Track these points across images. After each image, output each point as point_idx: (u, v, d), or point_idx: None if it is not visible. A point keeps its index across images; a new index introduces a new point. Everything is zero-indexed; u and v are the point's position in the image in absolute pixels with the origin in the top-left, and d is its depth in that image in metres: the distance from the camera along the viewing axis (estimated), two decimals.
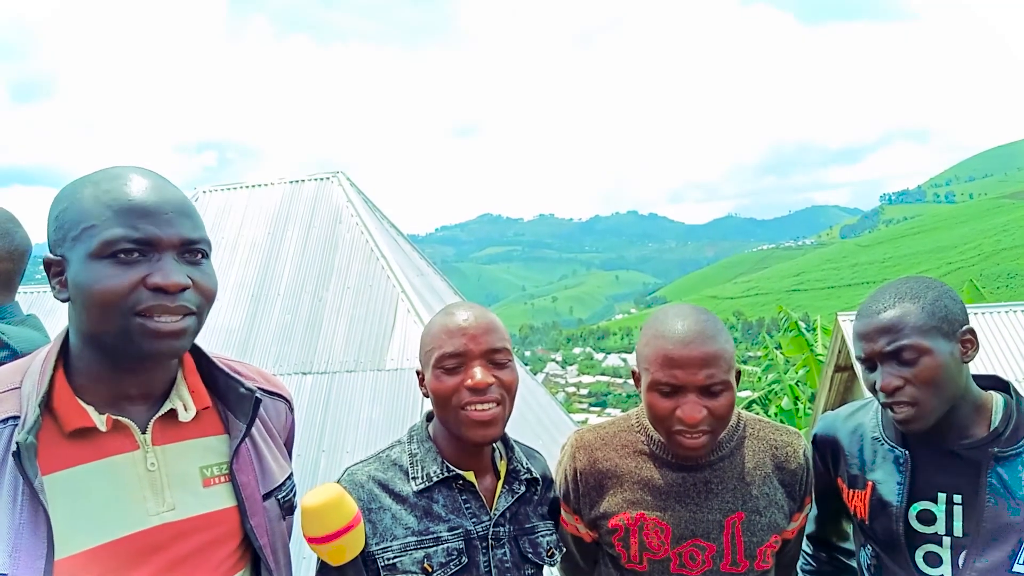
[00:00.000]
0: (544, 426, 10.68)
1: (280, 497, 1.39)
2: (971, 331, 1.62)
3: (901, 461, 1.70)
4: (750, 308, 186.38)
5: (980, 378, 1.72)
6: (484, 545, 1.59)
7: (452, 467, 1.61)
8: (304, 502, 1.36)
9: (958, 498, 1.63)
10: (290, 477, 1.45)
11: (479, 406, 1.54)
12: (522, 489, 1.69)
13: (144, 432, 1.23)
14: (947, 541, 1.64)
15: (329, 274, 10.54)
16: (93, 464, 1.17)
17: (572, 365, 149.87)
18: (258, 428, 1.38)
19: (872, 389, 1.65)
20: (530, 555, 1.65)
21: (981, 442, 1.62)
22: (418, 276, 11.47)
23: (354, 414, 8.76)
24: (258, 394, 1.33)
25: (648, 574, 1.68)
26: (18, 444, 1.06)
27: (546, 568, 1.71)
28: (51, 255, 1.18)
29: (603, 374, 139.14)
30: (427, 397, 1.62)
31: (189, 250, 1.20)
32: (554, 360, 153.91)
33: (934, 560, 1.65)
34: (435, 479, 1.60)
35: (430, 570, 1.54)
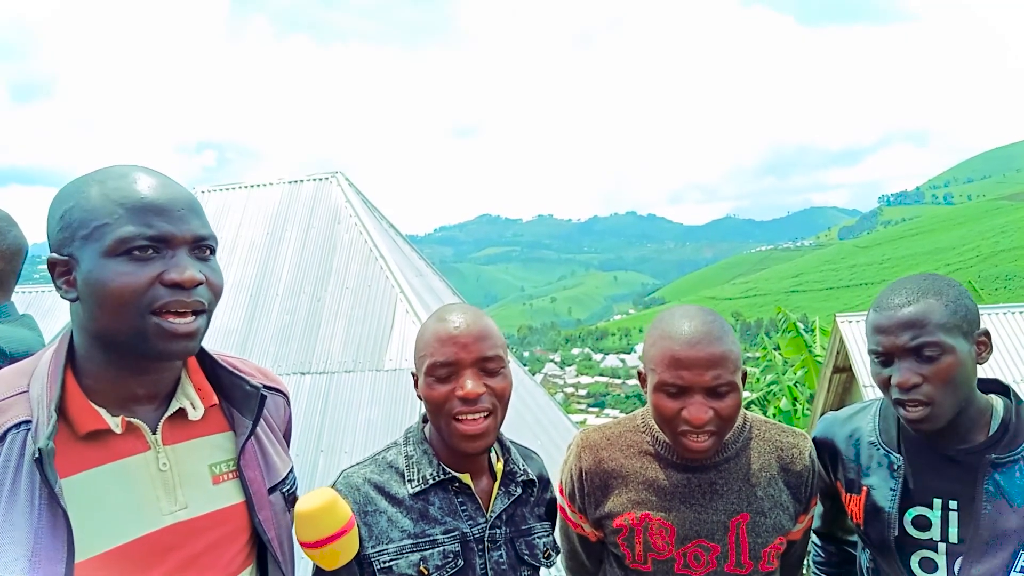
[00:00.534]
0: (543, 426, 10.68)
1: (284, 491, 1.41)
2: (986, 333, 1.60)
3: (896, 467, 1.69)
4: (748, 309, 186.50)
5: (980, 381, 1.69)
6: (480, 547, 1.58)
7: (448, 469, 1.61)
8: (298, 507, 1.35)
9: (954, 504, 1.62)
10: (291, 470, 1.46)
11: (470, 416, 1.53)
12: (518, 491, 1.68)
13: (154, 432, 1.24)
14: (943, 547, 1.62)
15: (328, 274, 10.53)
16: (107, 466, 1.17)
17: (571, 366, 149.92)
18: (261, 424, 1.39)
19: (883, 385, 1.61)
20: (526, 557, 1.64)
21: (979, 447, 1.60)
22: (417, 276, 11.46)
23: (352, 414, 8.75)
24: (263, 391, 1.34)
25: (652, 574, 1.68)
26: (40, 450, 1.06)
27: (543, 570, 1.70)
28: (56, 255, 1.16)
29: (601, 375, 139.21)
30: (421, 400, 1.61)
31: (199, 246, 1.21)
32: (552, 361, 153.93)
33: (929, 566, 1.64)
34: (431, 481, 1.59)
35: (426, 573, 1.53)
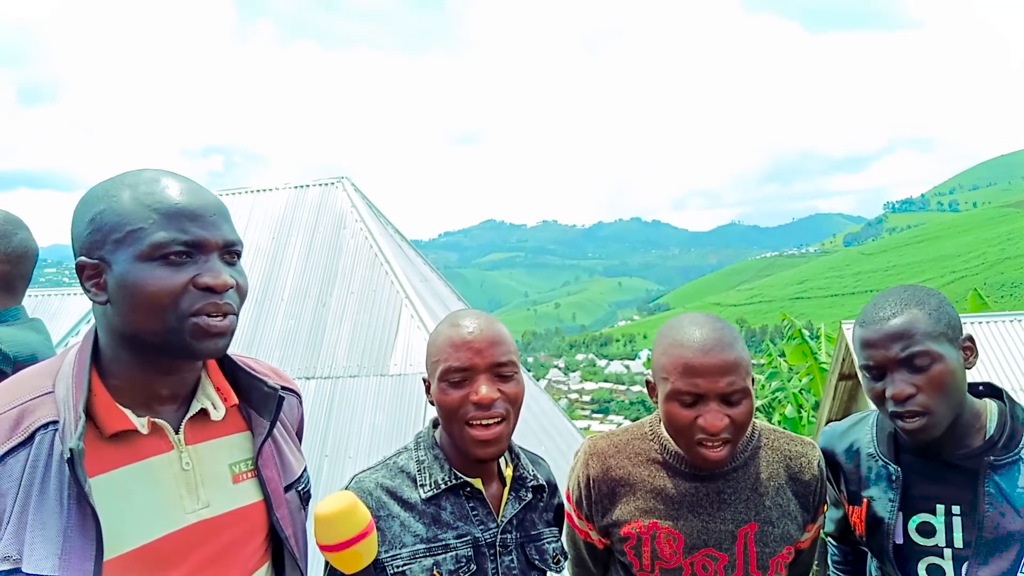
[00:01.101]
0: (547, 432, 10.67)
1: (299, 489, 1.44)
2: (971, 338, 1.61)
3: (894, 478, 1.69)
4: (753, 316, 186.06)
5: (973, 385, 1.71)
6: (492, 552, 1.59)
7: (460, 474, 1.62)
8: (318, 510, 1.36)
9: (957, 509, 1.62)
10: (305, 469, 1.48)
11: (484, 421, 1.54)
12: (528, 496, 1.69)
13: (177, 432, 1.26)
14: (948, 553, 1.63)
15: (333, 279, 10.55)
16: (133, 466, 1.19)
17: (575, 372, 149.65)
18: (276, 424, 1.41)
19: (878, 399, 1.62)
20: (536, 562, 1.65)
21: (977, 451, 1.61)
22: (422, 282, 11.48)
23: (357, 419, 8.76)
24: (281, 392, 1.37)
25: None
26: (72, 451, 1.08)
27: (551, 575, 1.71)
28: (86, 258, 1.18)
29: (606, 381, 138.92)
30: (433, 405, 1.62)
31: (228, 251, 1.24)
32: (557, 366, 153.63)
33: (937, 572, 1.64)
34: (443, 486, 1.60)
35: None
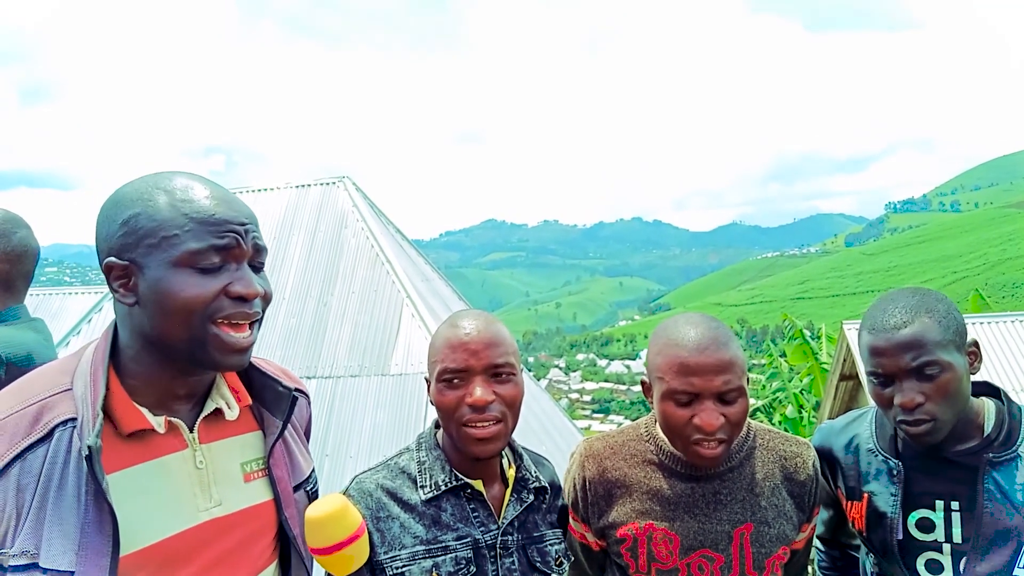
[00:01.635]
0: (548, 432, 10.67)
1: (308, 489, 1.45)
2: (976, 343, 1.62)
3: (895, 472, 1.71)
4: (754, 316, 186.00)
5: (972, 384, 1.72)
6: (492, 554, 1.58)
7: (460, 476, 1.61)
8: (308, 513, 1.36)
9: (956, 505, 1.64)
10: (313, 470, 1.50)
11: (479, 423, 1.54)
12: (531, 498, 1.68)
13: (191, 431, 1.27)
14: (947, 548, 1.65)
15: (334, 279, 10.56)
16: (148, 464, 1.21)
17: (575, 371, 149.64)
18: (288, 424, 1.43)
19: (885, 404, 1.63)
20: (538, 564, 1.64)
21: (976, 448, 1.63)
22: (423, 281, 11.48)
23: (358, 419, 8.76)
24: (295, 393, 1.39)
25: None
26: (90, 448, 1.10)
27: None
28: (116, 259, 1.18)
29: (606, 380, 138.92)
30: (433, 405, 1.62)
31: (258, 257, 1.25)
32: (557, 366, 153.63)
33: (936, 567, 1.66)
34: (443, 488, 1.60)
35: None
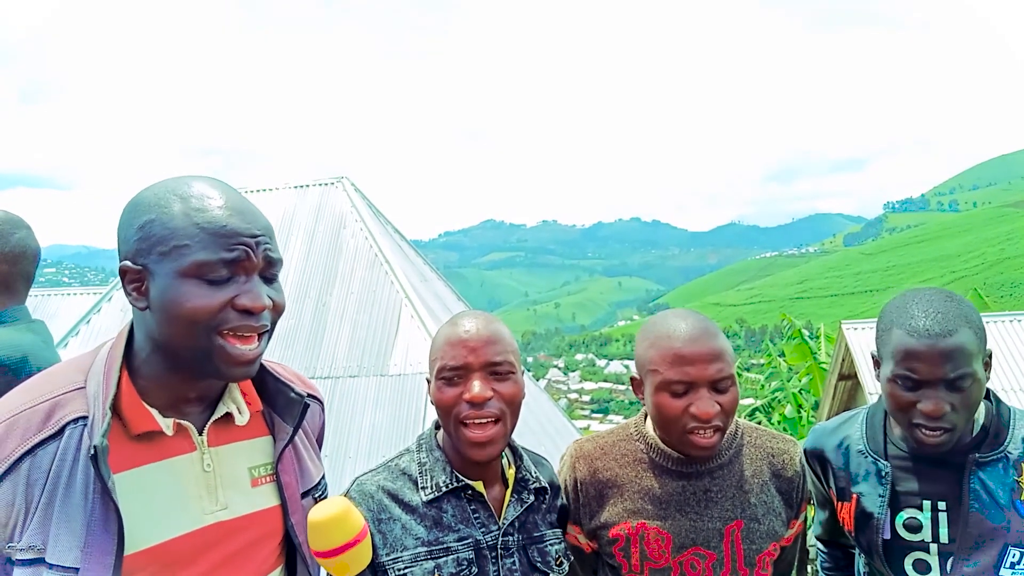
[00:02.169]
0: (547, 432, 10.68)
1: (316, 496, 1.45)
2: (990, 353, 1.62)
3: (883, 473, 1.72)
4: (753, 316, 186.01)
5: None
6: (494, 555, 1.59)
7: (461, 477, 1.62)
8: (311, 516, 1.36)
9: (942, 505, 1.65)
10: (323, 477, 1.50)
11: (477, 420, 1.54)
12: (531, 498, 1.68)
13: (201, 434, 1.28)
14: (934, 548, 1.66)
15: (333, 279, 10.56)
16: (156, 464, 1.22)
17: (574, 371, 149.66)
18: (299, 431, 1.43)
19: (905, 408, 1.61)
20: (539, 564, 1.64)
21: (963, 448, 1.64)
22: (422, 282, 11.48)
23: (357, 419, 8.77)
24: (307, 400, 1.39)
25: None
26: (95, 447, 1.11)
27: None
28: (130, 263, 1.19)
29: (605, 380, 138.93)
30: (434, 405, 1.62)
31: (270, 270, 1.25)
32: (556, 366, 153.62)
33: (923, 567, 1.67)
34: (444, 489, 1.60)
35: None
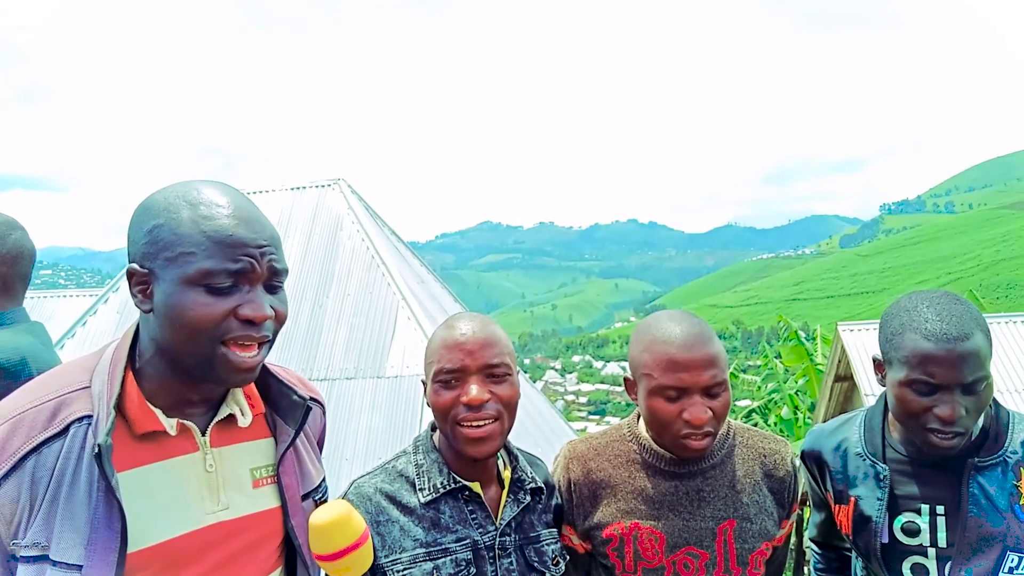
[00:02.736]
0: (543, 434, 10.68)
1: (316, 498, 1.46)
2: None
3: (882, 477, 1.72)
4: (750, 317, 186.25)
5: None
6: (491, 555, 1.59)
7: (458, 478, 1.62)
8: (312, 519, 1.36)
9: (941, 509, 1.65)
10: (324, 479, 1.51)
11: (475, 422, 1.55)
12: (527, 499, 1.69)
13: (204, 435, 1.29)
14: (932, 552, 1.65)
15: (329, 281, 10.55)
16: (159, 464, 1.23)
17: (571, 373, 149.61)
18: (300, 433, 1.43)
19: (919, 412, 1.58)
20: (536, 564, 1.65)
21: (962, 453, 1.63)
22: (418, 283, 11.48)
23: (354, 421, 8.76)
24: (309, 403, 1.40)
25: None
26: (99, 446, 1.12)
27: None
28: (137, 267, 1.20)
29: (602, 382, 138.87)
30: (431, 407, 1.62)
31: (274, 280, 1.25)
32: (553, 368, 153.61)
33: (920, 571, 1.67)
34: (442, 490, 1.61)
35: None
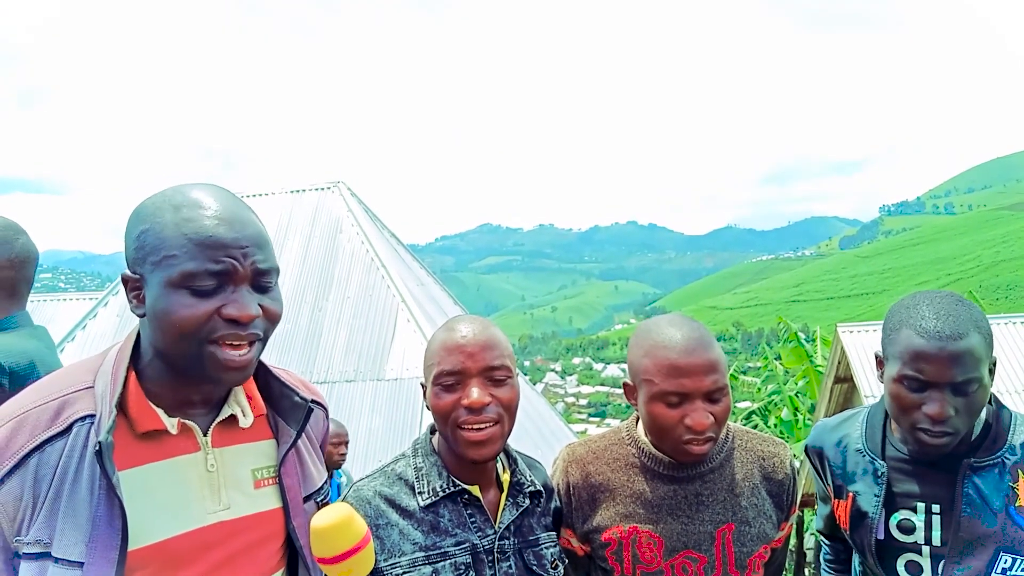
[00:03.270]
0: (543, 436, 10.68)
1: (318, 500, 1.47)
2: (995, 360, 1.62)
3: (880, 473, 1.72)
4: (749, 319, 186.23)
5: None
6: (490, 559, 1.59)
7: (458, 481, 1.62)
8: (313, 522, 1.36)
9: (936, 508, 1.66)
10: (326, 482, 1.51)
11: (475, 425, 1.55)
12: (526, 502, 1.69)
13: (205, 435, 1.30)
14: (926, 550, 1.66)
15: (329, 284, 10.56)
16: (160, 463, 1.24)
17: (571, 375, 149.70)
18: (302, 434, 1.44)
19: (910, 408, 1.60)
20: (535, 567, 1.64)
21: (960, 453, 1.64)
22: (418, 286, 11.48)
23: (354, 424, 8.74)
24: (311, 405, 1.41)
25: None
26: (100, 443, 1.13)
27: None
28: (129, 272, 1.23)
29: (602, 384, 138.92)
30: (430, 410, 1.62)
31: (262, 279, 1.25)
32: (553, 370, 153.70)
33: (915, 568, 1.68)
34: (441, 494, 1.61)
35: None
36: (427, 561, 1.55)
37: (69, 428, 1.17)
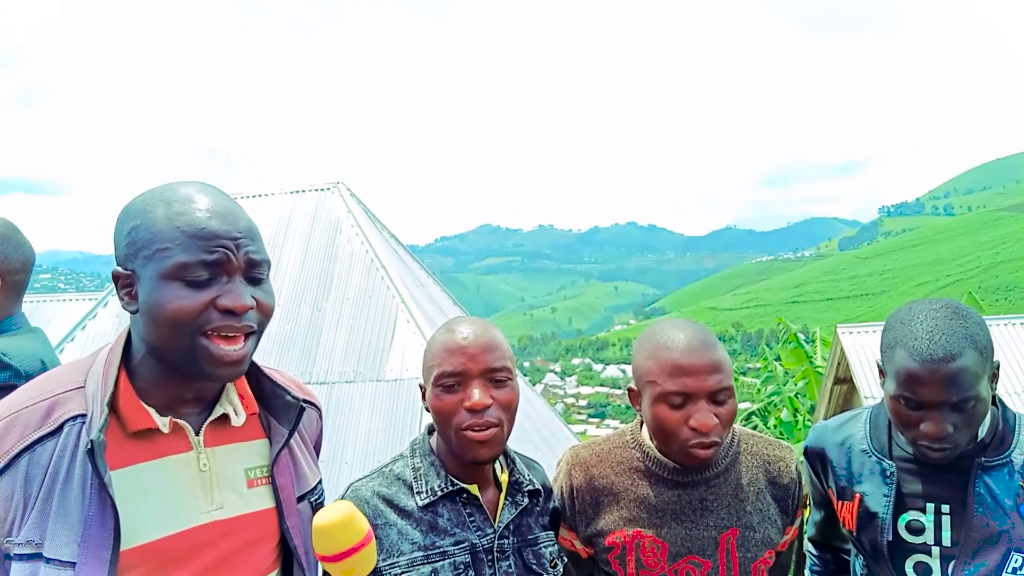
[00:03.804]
0: (543, 437, 10.68)
1: (312, 500, 1.46)
2: (998, 365, 1.60)
3: (888, 473, 1.71)
4: (749, 320, 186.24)
5: None
6: (489, 558, 1.59)
7: (456, 481, 1.62)
8: (316, 520, 1.36)
9: (946, 508, 1.65)
10: (320, 482, 1.50)
11: (477, 427, 1.55)
12: (525, 501, 1.69)
13: (197, 434, 1.30)
14: (936, 551, 1.65)
15: (329, 284, 10.56)
16: (152, 462, 1.24)
17: (571, 376, 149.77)
18: (294, 435, 1.43)
19: (907, 423, 1.60)
20: (534, 566, 1.65)
21: (968, 452, 1.63)
22: (418, 287, 11.48)
23: (353, 424, 8.76)
24: (303, 404, 1.40)
25: None
26: (92, 442, 1.12)
27: None
28: (121, 269, 1.23)
29: (602, 385, 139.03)
30: (429, 412, 1.62)
31: (254, 271, 1.26)
32: (553, 371, 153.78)
33: (923, 570, 1.67)
34: (439, 493, 1.61)
35: None
36: (426, 561, 1.55)
37: (60, 428, 1.17)
